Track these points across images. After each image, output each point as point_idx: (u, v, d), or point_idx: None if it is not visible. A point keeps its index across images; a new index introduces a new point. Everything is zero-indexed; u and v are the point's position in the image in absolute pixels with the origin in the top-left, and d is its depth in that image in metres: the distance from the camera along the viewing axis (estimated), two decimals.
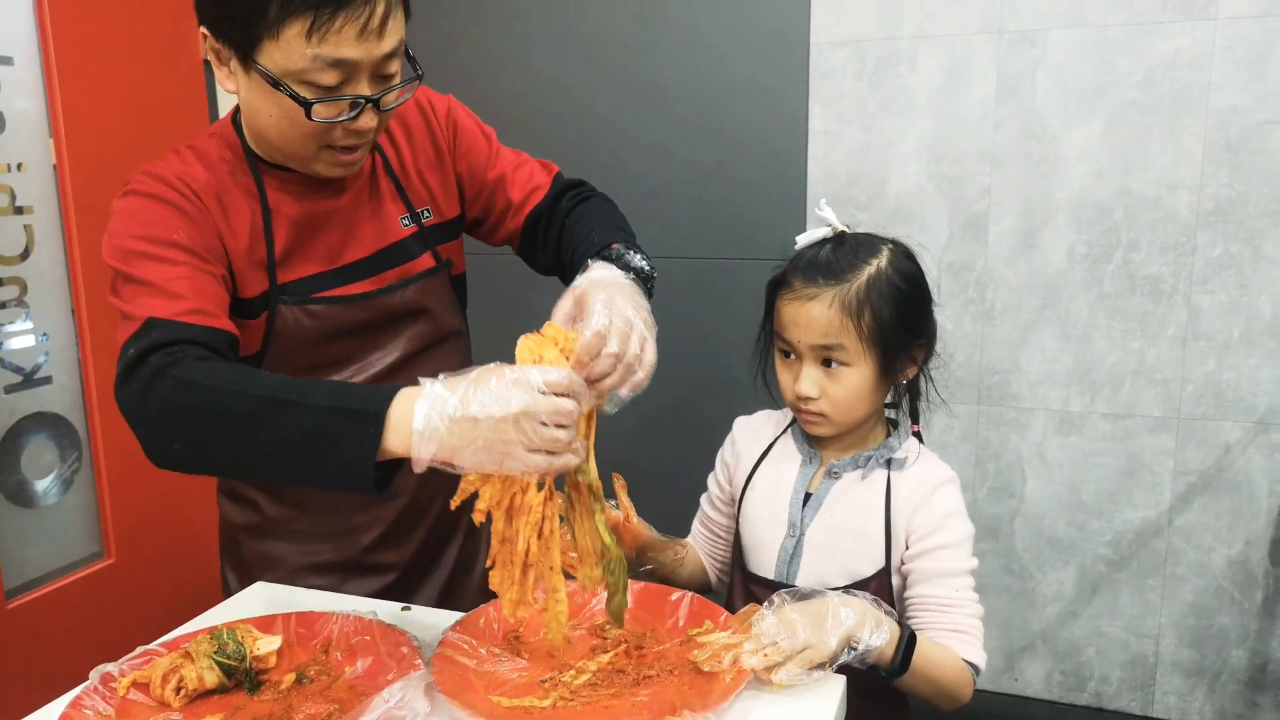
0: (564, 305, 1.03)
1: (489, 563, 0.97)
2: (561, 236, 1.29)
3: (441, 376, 0.88)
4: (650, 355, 1.00)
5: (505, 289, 1.74)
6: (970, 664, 1.09)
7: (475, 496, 0.93)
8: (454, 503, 0.93)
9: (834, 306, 1.12)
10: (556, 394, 0.87)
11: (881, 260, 1.15)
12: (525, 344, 0.95)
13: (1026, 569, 2.19)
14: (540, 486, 0.93)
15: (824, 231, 1.19)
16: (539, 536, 0.94)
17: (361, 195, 1.23)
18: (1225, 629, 2.07)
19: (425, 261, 1.28)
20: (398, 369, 1.26)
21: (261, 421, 0.89)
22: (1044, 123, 2.01)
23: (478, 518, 0.93)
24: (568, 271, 1.25)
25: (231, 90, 1.09)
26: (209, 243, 1.10)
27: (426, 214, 1.29)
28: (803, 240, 1.20)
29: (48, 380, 2.06)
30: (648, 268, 1.14)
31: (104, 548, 2.20)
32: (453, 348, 1.35)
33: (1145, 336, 2.03)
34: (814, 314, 1.13)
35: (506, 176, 1.33)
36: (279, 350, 1.18)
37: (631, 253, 1.14)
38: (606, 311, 0.98)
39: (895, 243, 1.19)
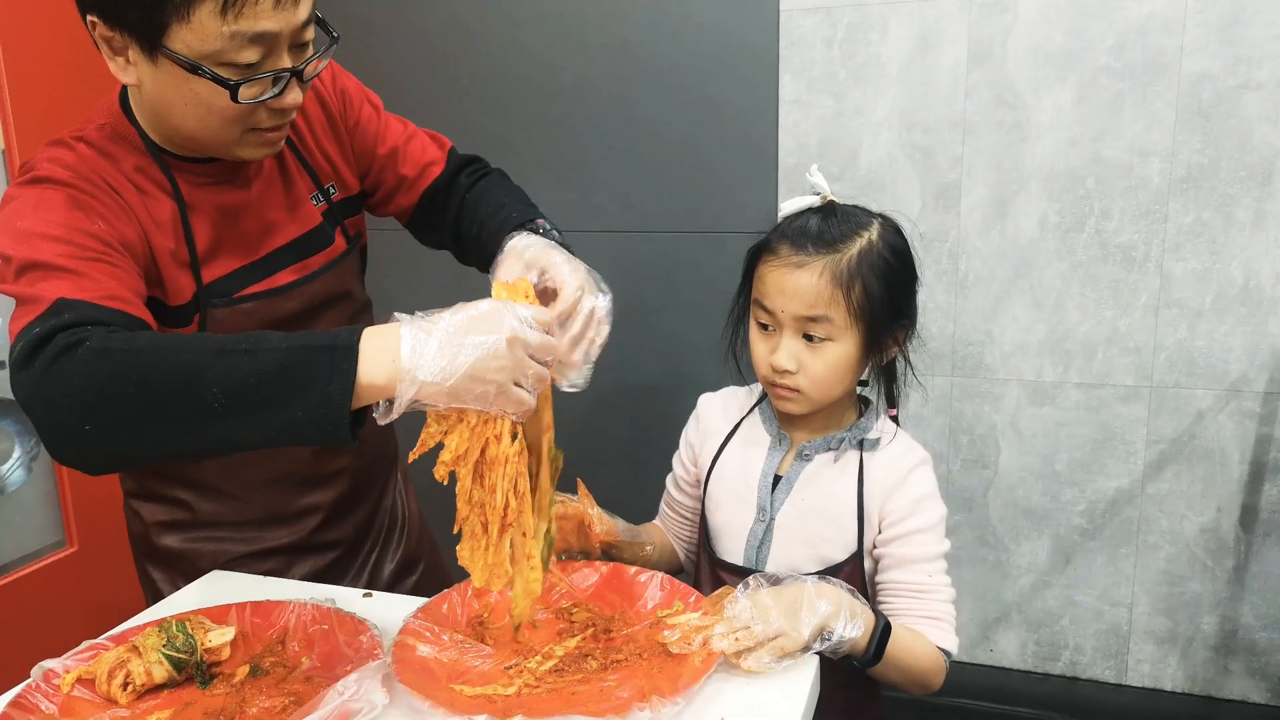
0: (514, 269, 0.99)
1: (455, 529, 0.90)
2: (461, 212, 1.25)
3: (415, 313, 0.83)
4: (605, 323, 0.98)
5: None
6: (943, 650, 1.08)
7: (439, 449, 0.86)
8: (412, 455, 0.86)
9: (824, 276, 1.07)
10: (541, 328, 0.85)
11: (872, 233, 1.11)
12: (499, 288, 0.92)
13: (1001, 540, 2.19)
14: (514, 437, 0.86)
15: (811, 200, 1.14)
16: (514, 493, 0.88)
17: (272, 179, 1.16)
18: (1197, 596, 2.08)
19: (341, 243, 1.24)
20: None
21: (207, 375, 0.79)
22: (1015, 90, 1.99)
23: (440, 473, 0.86)
24: (473, 246, 1.22)
25: (131, 82, 0.99)
26: (132, 241, 1.01)
27: (333, 189, 1.24)
28: (788, 207, 1.15)
29: (1, 365, 2.00)
30: (569, 247, 1.09)
31: (65, 536, 2.15)
32: (364, 322, 1.32)
33: (1118, 305, 2.01)
34: (802, 282, 1.08)
35: (398, 150, 1.27)
36: None
37: (555, 231, 1.11)
38: (574, 270, 0.96)
39: (884, 217, 1.14)
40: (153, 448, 0.87)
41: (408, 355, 0.79)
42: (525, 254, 1.00)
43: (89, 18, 0.96)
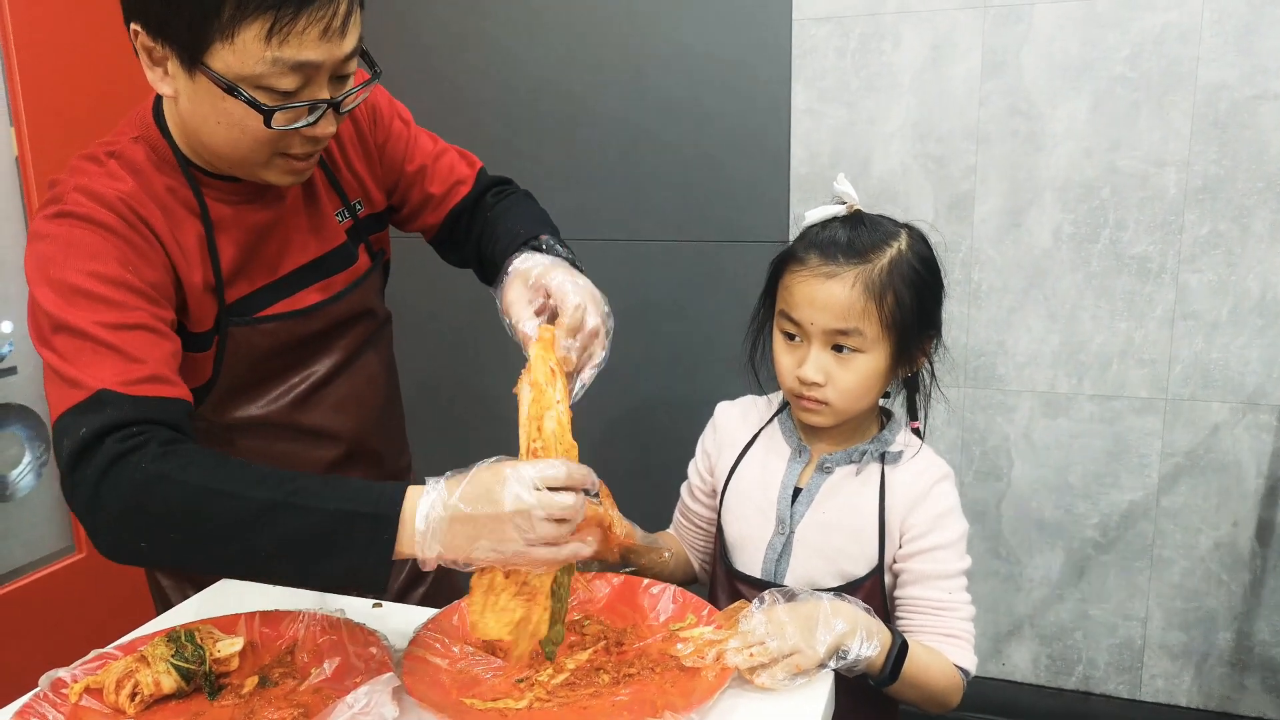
0: (520, 294, 1.00)
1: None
2: (483, 233, 1.25)
3: (447, 474, 0.88)
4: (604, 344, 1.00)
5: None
6: (961, 669, 1.07)
7: None
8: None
9: (856, 286, 1.05)
10: (553, 488, 0.86)
11: (901, 243, 1.09)
12: (538, 350, 0.95)
13: (1014, 553, 2.17)
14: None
15: (837, 208, 1.11)
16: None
17: (298, 196, 1.15)
18: (1213, 611, 2.06)
19: (365, 261, 1.23)
20: (341, 368, 1.22)
21: (259, 526, 0.84)
22: (1030, 99, 1.98)
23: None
24: (487, 264, 1.22)
25: (167, 94, 0.98)
26: (161, 280, 1.00)
27: (359, 206, 1.22)
28: (814, 215, 1.12)
29: (12, 371, 2.00)
30: (574, 260, 1.10)
31: (74, 542, 2.14)
32: (384, 336, 1.32)
33: (1133, 317, 2.00)
34: (834, 293, 1.06)
35: (427, 168, 1.26)
36: (227, 373, 1.11)
37: (559, 245, 1.11)
38: (575, 287, 0.97)
39: (910, 227, 1.13)
40: (200, 569, 1.07)
41: (420, 532, 0.85)
42: (530, 276, 1.00)
43: (132, 25, 0.95)
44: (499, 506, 0.83)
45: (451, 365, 2.49)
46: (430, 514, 0.84)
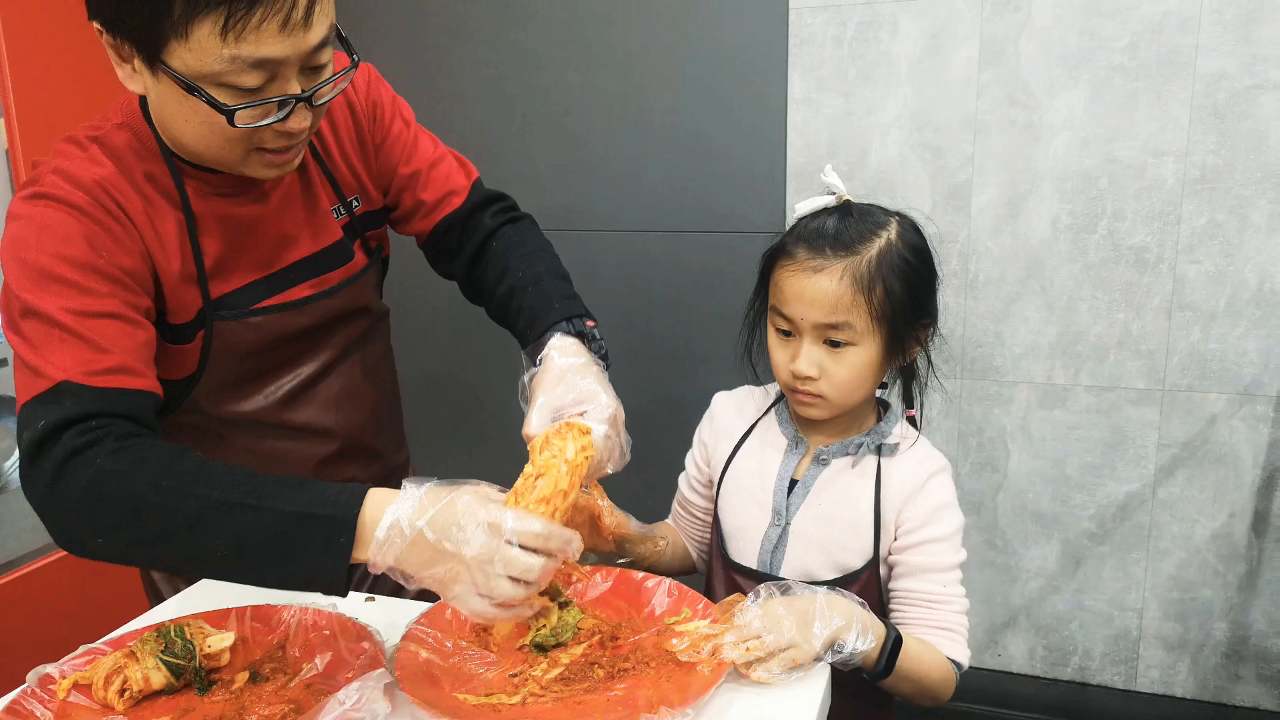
0: (556, 389, 1.01)
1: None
2: (484, 255, 1.22)
3: (428, 486, 0.86)
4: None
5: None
6: (954, 662, 1.06)
7: None
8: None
9: (844, 279, 1.04)
10: (525, 546, 0.84)
11: (891, 233, 1.08)
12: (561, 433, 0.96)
13: (1009, 544, 2.17)
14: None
15: (827, 200, 1.10)
16: None
17: (292, 190, 1.12)
18: (1208, 602, 2.06)
19: (361, 259, 1.21)
20: (334, 365, 1.21)
21: (212, 525, 0.83)
22: (1028, 89, 1.96)
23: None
24: (495, 303, 1.21)
25: (138, 91, 0.96)
26: (136, 267, 0.98)
27: (356, 202, 1.20)
28: (804, 207, 1.11)
29: (2, 363, 1.99)
30: (606, 351, 1.12)
31: None
32: (380, 332, 1.30)
33: (1130, 307, 1.99)
34: (822, 287, 1.05)
35: (420, 174, 1.22)
36: (214, 367, 1.09)
37: (598, 338, 1.11)
38: (607, 425, 1.00)
39: (902, 215, 1.11)
40: (159, 566, 1.04)
41: (380, 540, 0.83)
42: (576, 385, 1.01)
43: (95, 24, 0.92)
44: (461, 546, 0.82)
45: (452, 360, 2.47)
46: (393, 526, 0.83)
